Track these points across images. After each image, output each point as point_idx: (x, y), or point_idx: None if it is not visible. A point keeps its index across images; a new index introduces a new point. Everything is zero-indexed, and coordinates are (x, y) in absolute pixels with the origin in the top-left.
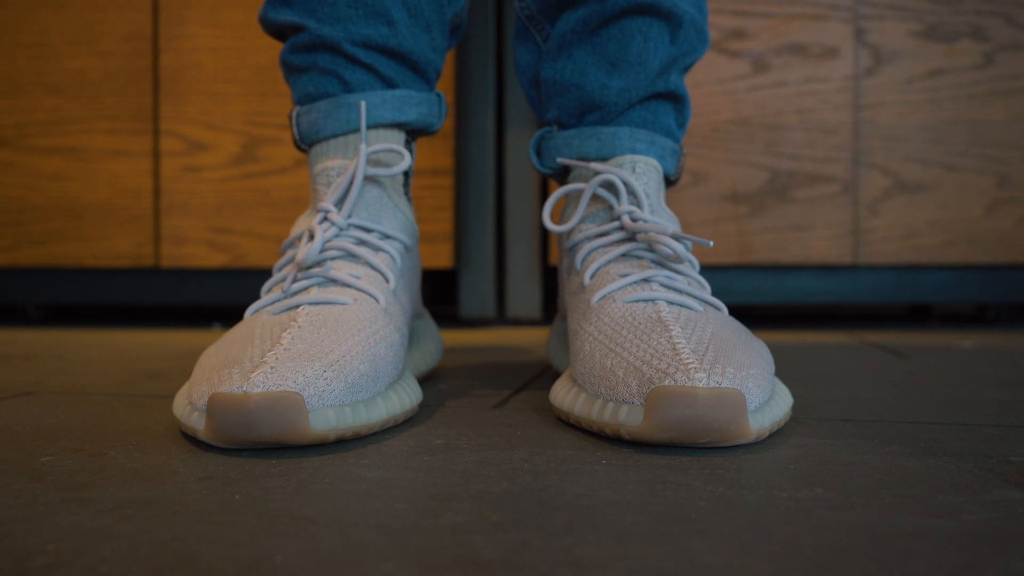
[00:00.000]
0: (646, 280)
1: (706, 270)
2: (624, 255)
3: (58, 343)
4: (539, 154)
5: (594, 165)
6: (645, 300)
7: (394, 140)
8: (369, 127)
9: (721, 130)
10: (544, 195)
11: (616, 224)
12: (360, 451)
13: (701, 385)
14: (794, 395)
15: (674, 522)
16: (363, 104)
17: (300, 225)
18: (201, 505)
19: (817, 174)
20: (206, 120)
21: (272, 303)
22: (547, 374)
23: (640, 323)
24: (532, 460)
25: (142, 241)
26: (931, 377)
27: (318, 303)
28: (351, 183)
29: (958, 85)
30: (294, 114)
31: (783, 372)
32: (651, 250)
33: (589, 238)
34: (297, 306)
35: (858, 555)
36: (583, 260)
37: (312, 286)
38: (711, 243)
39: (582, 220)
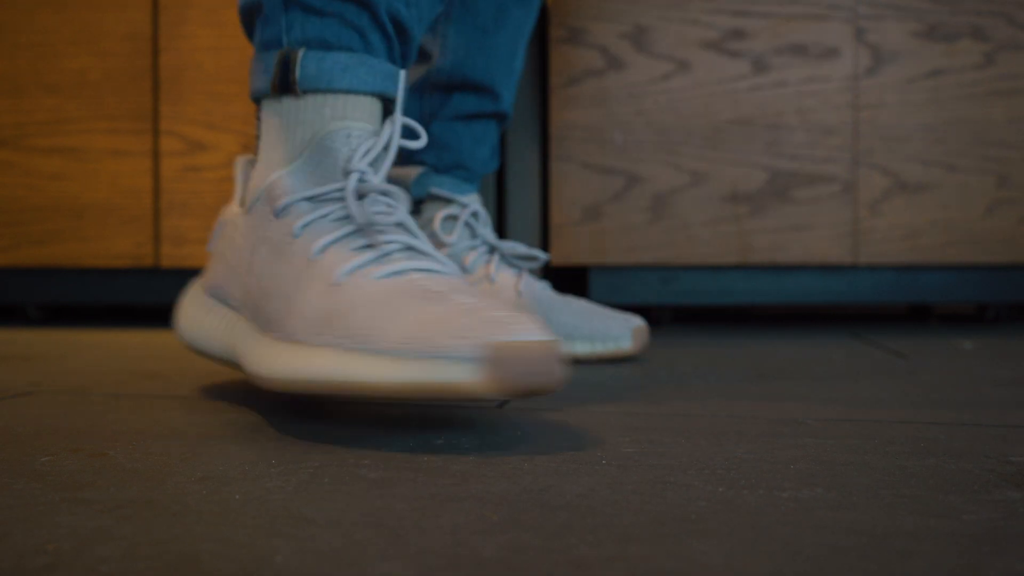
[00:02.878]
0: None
1: (706, 270)
2: (498, 262)
3: (58, 343)
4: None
5: (463, 199)
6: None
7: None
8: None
9: (721, 130)
10: (544, 196)
11: (480, 240)
12: (360, 451)
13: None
14: (794, 395)
15: (674, 522)
16: (402, 73)
17: (291, 178)
18: (201, 505)
19: (817, 174)
20: (206, 120)
21: (371, 264)
22: None
23: (551, 296)
24: (532, 460)
25: (142, 241)
26: (931, 377)
27: (435, 272)
28: (386, 150)
29: (958, 85)
30: (299, 54)
31: (783, 372)
32: (503, 257)
33: (466, 249)
34: (425, 271)
35: (858, 555)
36: (474, 264)
37: (408, 251)
38: (541, 256)
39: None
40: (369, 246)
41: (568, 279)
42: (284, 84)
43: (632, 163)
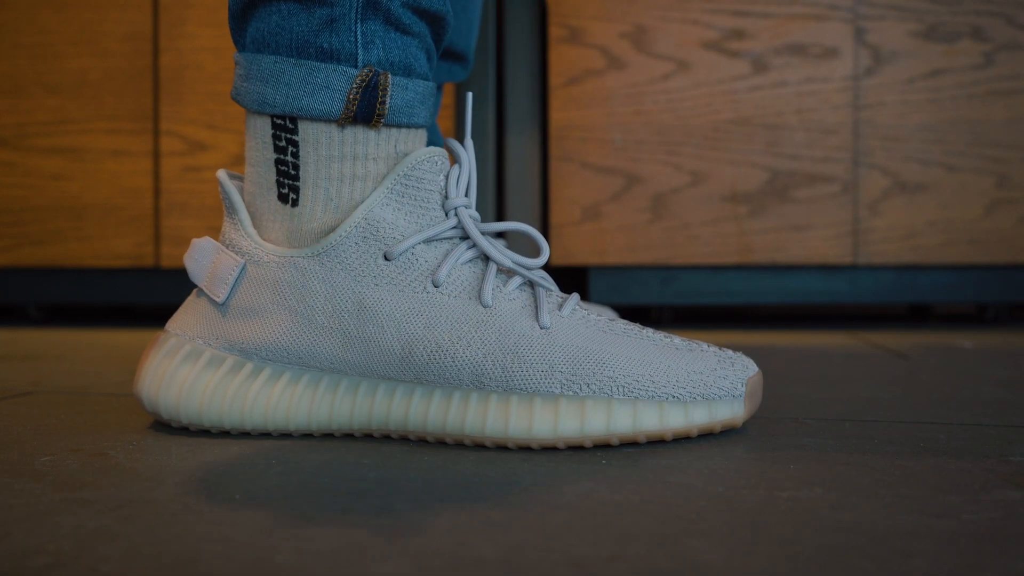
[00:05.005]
0: None
1: (706, 270)
2: None
3: (58, 343)
4: None
5: None
6: None
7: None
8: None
9: (721, 130)
10: (544, 196)
11: None
12: (360, 451)
13: None
14: (794, 395)
15: (674, 522)
16: (470, 95)
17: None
18: (201, 505)
19: (817, 174)
20: (206, 120)
21: (553, 303)
22: None
23: None
24: (531, 460)
25: (142, 241)
26: (931, 377)
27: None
28: (468, 179)
29: (958, 85)
30: (388, 81)
31: (783, 372)
32: None
33: None
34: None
35: (858, 555)
36: None
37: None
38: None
39: None
40: (528, 284)
41: (568, 279)
42: (366, 113)
43: (632, 163)
